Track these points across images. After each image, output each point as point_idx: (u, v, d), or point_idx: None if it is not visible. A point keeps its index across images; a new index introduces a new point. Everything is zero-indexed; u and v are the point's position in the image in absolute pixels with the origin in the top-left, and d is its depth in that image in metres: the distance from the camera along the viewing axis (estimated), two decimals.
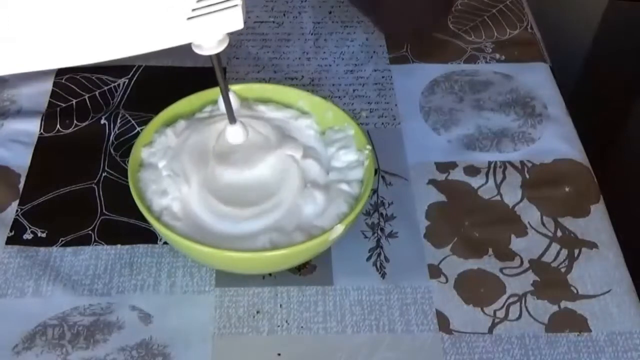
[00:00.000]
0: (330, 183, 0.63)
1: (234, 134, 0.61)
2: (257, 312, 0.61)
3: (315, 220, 0.60)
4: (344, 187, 0.63)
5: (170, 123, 0.67)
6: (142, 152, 0.65)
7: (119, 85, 0.79)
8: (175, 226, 0.59)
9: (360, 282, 0.63)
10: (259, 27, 0.88)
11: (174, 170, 0.62)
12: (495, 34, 0.88)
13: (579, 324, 0.61)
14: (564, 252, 0.66)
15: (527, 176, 0.72)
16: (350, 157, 0.65)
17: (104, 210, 0.67)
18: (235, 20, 0.48)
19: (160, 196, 0.61)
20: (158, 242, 0.65)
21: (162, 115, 0.67)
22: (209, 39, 0.50)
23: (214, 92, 0.68)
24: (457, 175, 0.72)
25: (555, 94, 0.81)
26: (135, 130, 0.73)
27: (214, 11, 0.47)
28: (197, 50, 0.51)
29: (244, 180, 0.62)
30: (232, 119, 0.60)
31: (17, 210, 0.67)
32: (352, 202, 0.62)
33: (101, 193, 0.69)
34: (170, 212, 0.60)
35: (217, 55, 0.53)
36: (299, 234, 0.59)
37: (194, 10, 0.47)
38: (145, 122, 0.69)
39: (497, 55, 0.85)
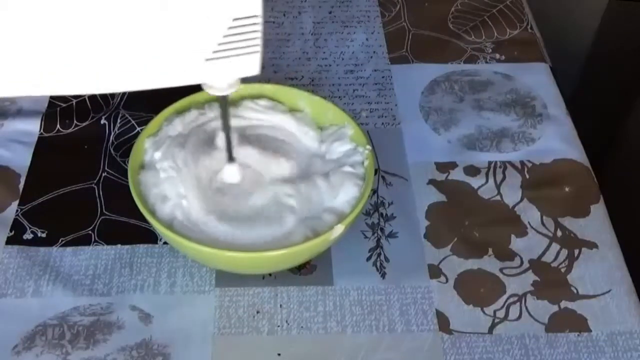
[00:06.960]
0: (330, 171, 0.63)
1: (231, 174, 0.61)
2: (257, 312, 0.60)
3: (329, 202, 0.61)
4: (348, 169, 0.62)
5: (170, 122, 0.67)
6: (145, 142, 0.64)
7: None
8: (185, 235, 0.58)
9: (360, 282, 0.63)
10: None
11: (170, 173, 0.61)
12: (495, 34, 0.88)
13: (579, 324, 0.61)
14: (564, 252, 0.66)
15: (527, 176, 0.72)
16: (345, 147, 0.65)
17: (104, 210, 0.67)
18: (252, 65, 0.48)
19: (162, 201, 0.60)
20: (158, 242, 0.65)
21: (162, 114, 0.66)
22: (223, 81, 0.51)
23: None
24: (457, 175, 0.72)
25: (555, 94, 0.81)
26: (135, 130, 0.73)
27: (233, 55, 0.47)
28: (207, 90, 0.52)
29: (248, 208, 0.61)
30: (230, 157, 0.60)
31: (17, 210, 0.67)
32: (360, 183, 0.62)
33: (101, 193, 0.69)
34: (179, 222, 0.59)
35: (225, 97, 0.53)
36: (328, 215, 0.59)
37: (214, 52, 0.46)
38: (145, 122, 0.69)
39: (497, 55, 0.85)
